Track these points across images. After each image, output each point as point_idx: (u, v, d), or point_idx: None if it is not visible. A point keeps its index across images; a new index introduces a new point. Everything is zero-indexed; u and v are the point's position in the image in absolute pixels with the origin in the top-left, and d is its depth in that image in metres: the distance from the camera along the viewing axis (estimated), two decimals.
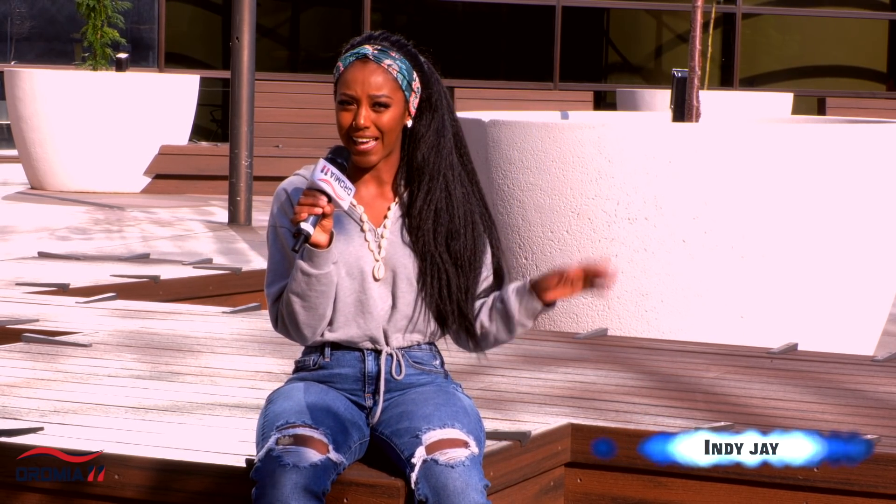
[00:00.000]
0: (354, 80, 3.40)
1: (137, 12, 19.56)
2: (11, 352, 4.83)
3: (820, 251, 6.17)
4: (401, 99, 3.42)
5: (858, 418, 4.13)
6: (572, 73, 21.80)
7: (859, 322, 6.40)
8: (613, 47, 23.28)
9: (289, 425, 3.32)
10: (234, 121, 12.95)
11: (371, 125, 3.39)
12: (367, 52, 3.42)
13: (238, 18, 12.78)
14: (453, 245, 3.44)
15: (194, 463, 3.51)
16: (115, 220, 13.29)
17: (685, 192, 6.05)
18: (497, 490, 3.49)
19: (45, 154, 15.84)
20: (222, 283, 6.75)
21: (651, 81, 21.57)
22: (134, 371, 4.56)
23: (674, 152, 6.09)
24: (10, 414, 3.93)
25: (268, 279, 3.48)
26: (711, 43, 18.17)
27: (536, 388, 4.42)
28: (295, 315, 3.40)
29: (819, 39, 22.77)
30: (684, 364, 4.92)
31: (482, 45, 22.27)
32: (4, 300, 5.86)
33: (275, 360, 4.73)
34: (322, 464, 3.26)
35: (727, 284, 6.08)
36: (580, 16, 22.31)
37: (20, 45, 20.58)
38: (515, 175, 6.23)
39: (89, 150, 15.73)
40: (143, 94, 16.00)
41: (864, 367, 5.00)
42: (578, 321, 6.15)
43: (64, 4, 18.47)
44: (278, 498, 3.20)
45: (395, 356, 3.49)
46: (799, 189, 6.14)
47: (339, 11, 21.69)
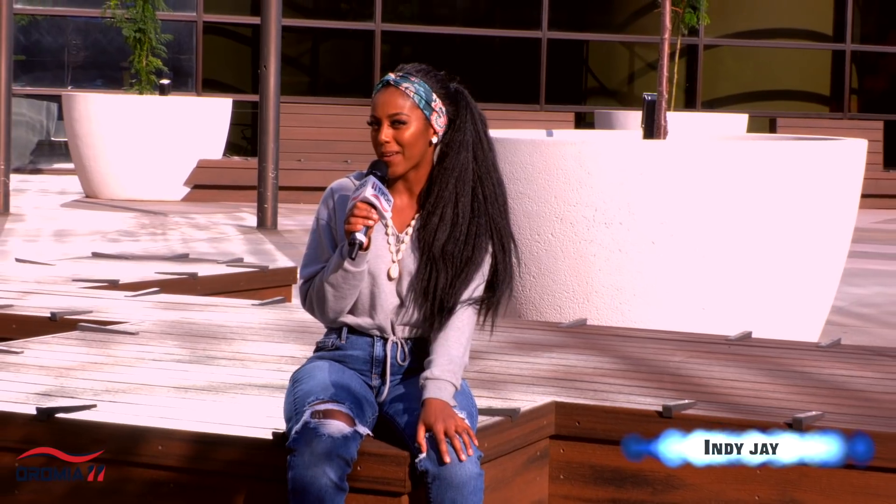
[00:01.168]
0: (377, 104, 3.41)
1: (178, 43, 19.56)
2: (69, 339, 4.83)
3: (771, 252, 6.18)
4: (420, 116, 3.40)
5: (805, 397, 4.13)
6: (556, 96, 21.80)
7: (806, 313, 6.40)
8: (592, 74, 23.28)
9: (319, 401, 3.31)
10: (262, 138, 12.96)
11: (392, 140, 3.39)
12: (389, 78, 3.43)
13: (265, 49, 12.79)
14: (448, 248, 3.41)
15: (227, 435, 3.52)
16: (159, 224, 13.30)
17: (654, 200, 6.05)
18: (490, 460, 3.49)
19: (98, 167, 15.86)
20: (252, 280, 6.75)
21: (625, 104, 21.56)
22: (175, 356, 4.57)
23: (644, 165, 6.09)
24: (67, 393, 3.94)
25: (304, 261, 3.49)
26: (677, 70, 18.17)
27: (525, 370, 4.43)
28: (325, 300, 3.41)
29: (771, 67, 22.77)
30: (653, 349, 4.92)
31: (477, 71, 22.26)
32: (63, 294, 5.86)
33: (297, 346, 4.73)
34: (351, 435, 3.26)
35: (690, 280, 6.08)
36: (563, 47, 22.32)
37: (76, 72, 20.58)
38: (508, 186, 6.21)
39: (136, 164, 15.75)
40: (183, 115, 16.02)
41: (810, 352, 5.00)
42: (562, 312, 6.14)
43: (114, 36, 18.45)
44: (315, 464, 3.20)
45: (399, 345, 3.49)
46: (753, 197, 6.14)
47: (354, 43, 21.68)
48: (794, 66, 22.81)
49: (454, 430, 3.25)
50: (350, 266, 3.35)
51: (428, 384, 3.33)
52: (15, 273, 6.58)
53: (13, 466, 3.66)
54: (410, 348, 3.49)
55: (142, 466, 3.56)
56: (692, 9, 18.18)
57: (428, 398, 3.31)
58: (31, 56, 20.22)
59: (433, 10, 22.80)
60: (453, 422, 3.26)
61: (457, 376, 3.37)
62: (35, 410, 3.67)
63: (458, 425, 3.26)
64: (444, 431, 3.24)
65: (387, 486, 3.35)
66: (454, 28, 22.17)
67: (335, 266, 3.38)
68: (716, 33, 21.82)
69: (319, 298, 3.43)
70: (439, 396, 3.31)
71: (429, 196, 3.44)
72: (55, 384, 4.05)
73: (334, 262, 3.38)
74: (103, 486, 3.58)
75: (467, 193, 3.44)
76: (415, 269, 3.43)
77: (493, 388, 4.06)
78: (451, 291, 3.42)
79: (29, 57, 20.11)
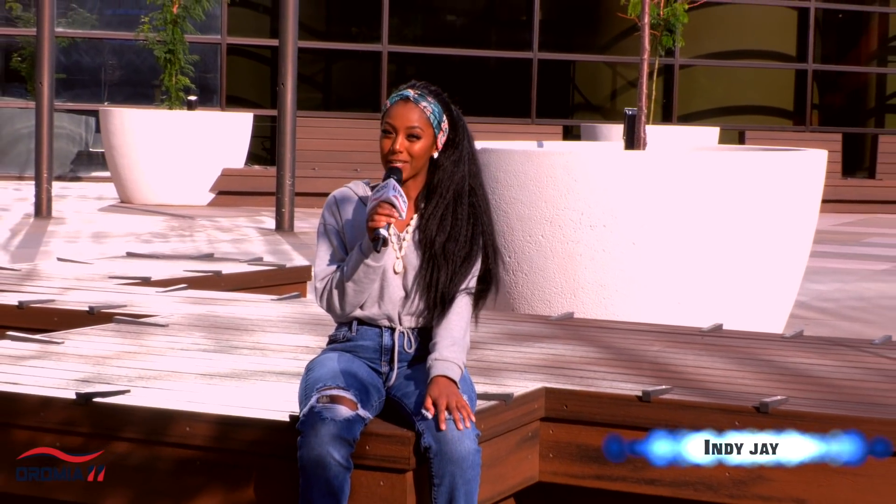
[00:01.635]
0: (396, 115, 3.41)
1: (204, 63, 19.55)
2: (105, 331, 4.83)
3: (740, 251, 6.18)
4: (430, 134, 3.42)
5: (771, 383, 4.13)
6: (545, 110, 21.80)
7: (771, 307, 6.40)
8: (578, 91, 23.28)
9: (326, 387, 3.32)
10: (280, 149, 12.96)
11: (404, 151, 3.40)
12: (408, 94, 3.43)
13: (283, 68, 12.79)
14: (448, 247, 3.44)
15: (248, 418, 3.51)
16: (187, 227, 13.30)
17: (635, 205, 6.05)
18: (486, 439, 3.49)
19: (131, 175, 15.87)
20: (270, 277, 6.74)
21: (608, 118, 21.56)
22: (201, 346, 4.56)
23: (626, 174, 6.09)
24: (104, 379, 3.94)
25: (319, 264, 3.49)
26: (655, 88, 18.16)
27: (517, 359, 4.42)
28: (345, 295, 3.42)
29: (740, 85, 22.77)
30: (634, 340, 4.92)
31: (474, 88, 22.26)
32: (100, 290, 5.86)
33: (311, 337, 4.73)
34: (353, 418, 3.26)
35: (667, 277, 6.08)
36: (552, 66, 22.31)
37: (112, 89, 20.57)
38: (501, 191, 6.23)
39: (166, 172, 15.76)
40: (209, 129, 16.03)
41: (776, 343, 5.00)
42: (551, 306, 6.14)
43: (146, 57, 18.45)
44: (319, 444, 3.21)
45: (406, 334, 3.50)
46: (724, 203, 6.14)
47: (363, 63, 21.68)
48: (761, 83, 22.82)
49: (455, 404, 3.28)
50: (372, 261, 3.37)
51: (435, 364, 3.35)
52: (57, 271, 6.59)
53: (56, 445, 3.66)
54: (416, 337, 3.50)
55: (171, 446, 3.56)
56: (668, 32, 18.17)
57: (435, 376, 3.33)
58: (71, 75, 20.22)
59: (434, 33, 22.80)
60: (455, 398, 3.29)
61: (461, 356, 3.40)
62: (75, 395, 3.67)
63: (459, 402, 3.29)
64: (447, 405, 3.27)
65: (393, 464, 3.35)
66: (453, 49, 22.18)
67: (355, 263, 3.38)
68: (690, 54, 21.83)
69: (340, 294, 3.43)
70: (446, 374, 3.33)
71: (429, 201, 3.46)
72: (93, 371, 4.05)
73: (354, 260, 3.39)
74: (138, 464, 3.59)
75: (464, 201, 3.46)
76: (418, 265, 3.45)
77: (489, 375, 4.06)
78: (451, 285, 3.44)
79: (69, 75, 20.10)
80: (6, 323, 5.23)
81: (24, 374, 3.97)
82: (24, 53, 19.67)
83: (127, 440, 3.60)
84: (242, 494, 3.50)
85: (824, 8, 23.14)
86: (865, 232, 14.93)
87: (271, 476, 3.47)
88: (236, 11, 20.28)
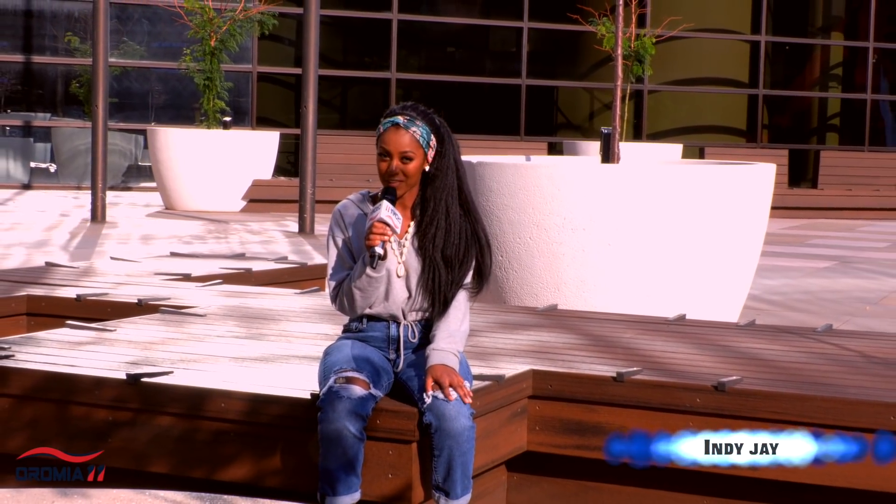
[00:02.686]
0: (389, 141, 3.38)
1: (237, 89, 19.55)
2: (152, 320, 4.83)
3: (701, 251, 6.17)
4: (421, 154, 3.40)
5: (727, 365, 4.13)
6: (533, 129, 21.79)
7: (728, 300, 6.39)
8: (561, 112, 23.26)
9: (342, 370, 3.31)
10: (302, 163, 12.95)
11: (399, 172, 3.38)
12: (399, 121, 3.40)
13: (305, 93, 12.78)
14: (446, 252, 3.42)
15: (275, 395, 3.51)
16: (222, 230, 13.29)
17: (610, 211, 6.04)
18: (480, 415, 3.49)
19: (174, 185, 15.85)
20: (294, 274, 6.74)
21: (587, 136, 21.54)
22: (234, 333, 4.56)
23: (602, 184, 6.08)
24: (150, 362, 3.93)
25: (330, 273, 3.48)
26: (627, 110, 18.16)
27: (509, 344, 4.42)
28: (354, 300, 3.41)
29: (700, 108, 22.75)
30: (610, 328, 4.91)
31: (471, 110, 22.26)
32: (147, 285, 5.86)
33: (329, 326, 4.73)
34: (365, 397, 3.26)
35: (638, 274, 6.07)
36: (538, 91, 22.30)
37: (158, 111, 20.57)
38: (495, 199, 6.22)
39: (204, 183, 15.75)
40: (241, 145, 16.02)
41: (732, 331, 5.00)
42: (537, 299, 6.14)
43: (187, 83, 18.42)
44: (337, 419, 3.21)
45: (410, 326, 3.48)
46: (687, 209, 6.13)
47: (374, 88, 21.66)
48: (718, 106, 22.81)
49: (455, 382, 3.28)
50: (372, 273, 3.35)
51: (432, 353, 3.35)
52: (110, 269, 6.58)
53: (109, 420, 3.65)
54: (419, 328, 3.49)
55: (208, 419, 3.56)
56: (638, 62, 18.19)
57: (432, 364, 3.32)
58: (123, 99, 20.20)
59: (436, 62, 22.79)
60: (456, 377, 3.29)
61: (457, 345, 3.38)
62: (125, 376, 3.67)
63: (456, 380, 3.29)
64: (450, 383, 3.28)
65: (400, 436, 3.35)
66: (453, 76, 22.18)
67: (359, 274, 3.37)
68: (657, 81, 21.82)
69: (349, 299, 3.42)
70: (442, 362, 3.32)
71: (425, 210, 3.43)
72: (141, 355, 4.05)
73: (358, 271, 3.37)
74: (179, 435, 3.58)
75: (455, 205, 3.43)
76: (419, 269, 3.42)
77: (484, 359, 4.06)
78: (450, 285, 3.42)
79: (121, 100, 20.09)
80: (66, 314, 5.22)
81: (81, 358, 3.97)
82: (82, 80, 19.66)
83: (170, 415, 3.60)
84: (270, 462, 3.50)
85: (773, 41, 23.15)
86: (809, 234, 14.93)
87: (295, 446, 3.47)
88: (265, 44, 20.28)
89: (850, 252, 12.63)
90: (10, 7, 19.75)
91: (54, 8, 19.92)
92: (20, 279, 5.96)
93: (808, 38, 24.21)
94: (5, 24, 19.90)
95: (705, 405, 3.71)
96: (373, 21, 21.31)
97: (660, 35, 18.87)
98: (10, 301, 5.36)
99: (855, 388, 3.77)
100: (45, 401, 3.72)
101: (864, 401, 3.59)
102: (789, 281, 9.93)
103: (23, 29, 19.91)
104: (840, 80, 24.28)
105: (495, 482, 3.87)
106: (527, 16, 21.57)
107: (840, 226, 16.33)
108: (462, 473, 3.27)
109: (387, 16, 20.79)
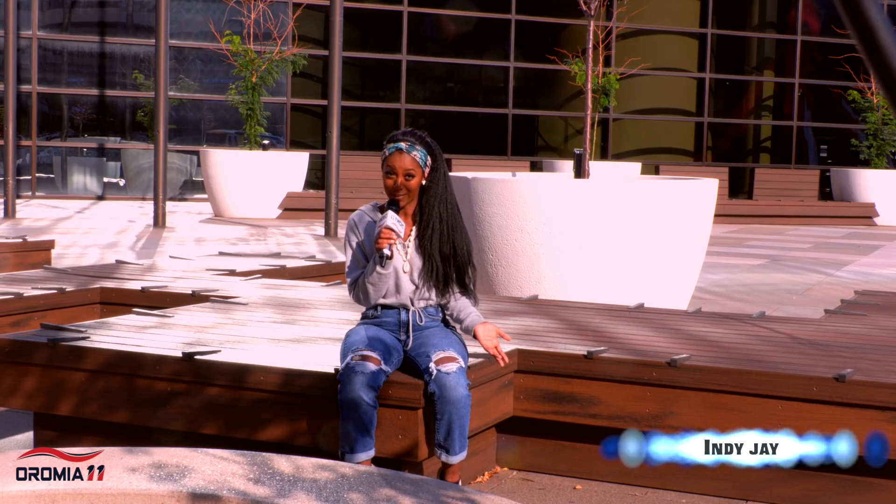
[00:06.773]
0: (394, 162, 3.38)
1: (275, 117, 19.56)
2: (204, 308, 4.82)
3: (657, 250, 6.16)
4: (420, 172, 3.40)
5: (679, 345, 4.11)
6: (518, 150, 21.80)
7: (679, 291, 6.39)
8: (541, 136, 23.24)
9: (358, 349, 3.31)
10: (327, 178, 12.94)
11: (403, 188, 3.38)
12: (402, 146, 3.40)
13: (330, 121, 12.77)
14: (443, 250, 3.42)
15: (304, 370, 3.50)
16: (262, 234, 13.28)
17: (582, 218, 6.04)
18: (475, 386, 3.48)
19: (222, 196, 15.84)
20: (321, 269, 6.74)
21: (563, 156, 21.54)
22: (272, 318, 4.55)
23: (575, 195, 6.08)
24: (202, 343, 3.92)
25: (348, 271, 3.48)
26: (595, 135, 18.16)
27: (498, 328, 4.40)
28: (367, 293, 3.41)
29: (656, 133, 22.74)
30: (582, 315, 4.91)
31: (466, 134, 22.25)
32: (200, 279, 5.85)
33: (350, 313, 4.72)
34: (378, 371, 3.25)
35: (606, 270, 6.07)
36: (522, 119, 22.28)
37: (209, 136, 20.57)
38: (486, 208, 6.21)
39: (247, 194, 15.74)
40: (278, 164, 16.01)
41: (682, 316, 4.99)
42: (521, 290, 6.13)
43: (233, 112, 18.41)
44: (354, 390, 3.20)
45: (417, 312, 3.48)
46: (645, 216, 6.13)
47: (387, 116, 21.65)
48: (671, 131, 22.82)
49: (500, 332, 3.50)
50: (381, 270, 3.36)
51: (469, 318, 3.44)
52: (169, 265, 6.57)
53: (168, 390, 3.64)
54: (425, 313, 3.48)
55: (249, 390, 3.55)
56: (605, 95, 18.19)
57: (477, 325, 3.43)
58: (180, 125, 20.20)
59: (438, 95, 22.78)
60: (497, 340, 3.46)
61: (480, 317, 3.48)
62: (181, 354, 3.66)
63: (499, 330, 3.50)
64: (496, 347, 3.43)
65: (408, 403, 3.34)
66: (452, 107, 22.20)
67: (371, 271, 3.38)
68: (621, 111, 21.82)
69: (364, 292, 3.42)
70: (481, 321, 3.45)
71: (422, 216, 3.43)
72: (194, 337, 4.04)
73: (370, 269, 3.38)
74: (225, 403, 3.57)
75: (446, 210, 3.43)
76: (421, 265, 3.42)
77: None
78: (447, 276, 3.43)
79: (178, 126, 20.08)
80: (132, 303, 5.22)
81: (145, 340, 3.96)
82: (146, 110, 19.69)
83: (218, 386, 3.59)
84: (300, 425, 3.49)
85: (716, 78, 23.16)
86: (745, 237, 14.91)
87: (320, 412, 3.46)
88: (297, 80, 20.28)
89: (780, 252, 12.62)
90: (86, 50, 19.80)
91: (123, 50, 19.94)
92: (95, 274, 5.95)
93: (744, 75, 24.22)
94: (83, 64, 19.94)
95: (660, 378, 3.69)
96: (386, 61, 21.33)
97: (623, 73, 18.87)
98: (87, 292, 5.36)
99: (784, 363, 3.76)
100: (115, 374, 3.71)
101: (793, 374, 3.57)
102: (729, 275, 9.92)
103: (97, 68, 19.93)
104: (771, 110, 24.29)
105: (487, 441, 3.86)
106: (513, 57, 21.61)
107: (771, 230, 16.32)
108: (460, 434, 3.27)
109: (398, 57, 20.81)
